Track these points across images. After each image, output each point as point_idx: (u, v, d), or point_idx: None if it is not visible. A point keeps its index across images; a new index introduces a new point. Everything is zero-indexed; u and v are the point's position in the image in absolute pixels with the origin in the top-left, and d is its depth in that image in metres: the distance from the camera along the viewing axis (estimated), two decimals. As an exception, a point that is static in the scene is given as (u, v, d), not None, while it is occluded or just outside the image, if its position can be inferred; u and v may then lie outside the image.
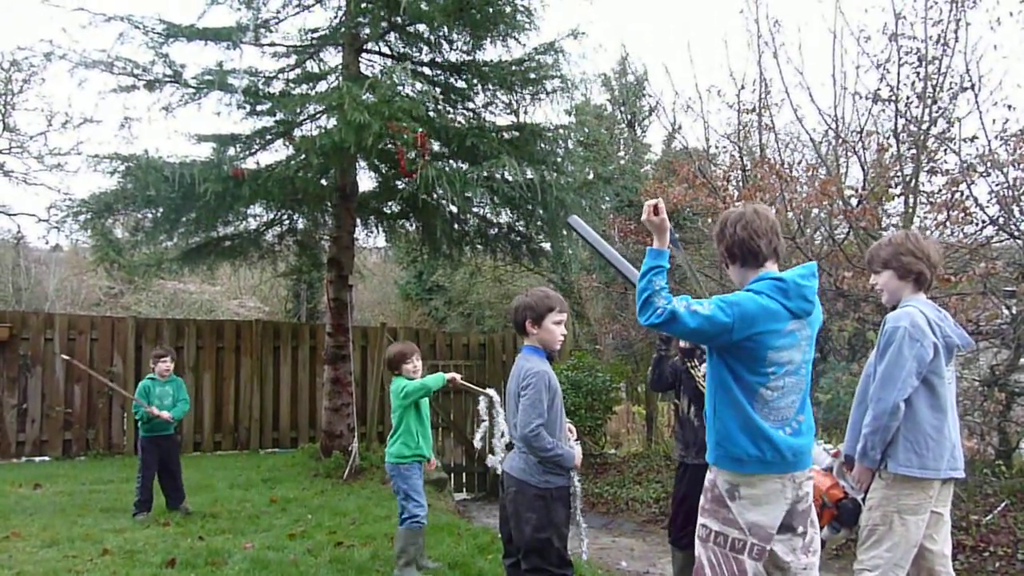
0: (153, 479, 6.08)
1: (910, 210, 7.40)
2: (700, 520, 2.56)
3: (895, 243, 3.09)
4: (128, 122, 7.66)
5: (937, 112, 7.17)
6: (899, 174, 7.47)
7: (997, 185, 6.40)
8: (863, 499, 2.93)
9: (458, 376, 4.78)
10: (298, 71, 8.42)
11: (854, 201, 7.57)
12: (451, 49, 8.21)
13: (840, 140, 8.20)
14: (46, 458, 9.08)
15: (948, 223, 6.74)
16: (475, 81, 8.27)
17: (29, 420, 9.13)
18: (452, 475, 10.03)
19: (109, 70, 7.27)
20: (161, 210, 7.67)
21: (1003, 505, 5.32)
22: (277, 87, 8.15)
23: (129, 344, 9.53)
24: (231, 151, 7.85)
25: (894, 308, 3.06)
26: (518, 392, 3.24)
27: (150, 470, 6.05)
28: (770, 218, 2.61)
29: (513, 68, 7.94)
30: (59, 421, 9.22)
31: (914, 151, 7.23)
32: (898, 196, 7.66)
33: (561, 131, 8.36)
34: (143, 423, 6.09)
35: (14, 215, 16.20)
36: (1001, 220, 6.43)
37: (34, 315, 10.00)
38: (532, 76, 7.96)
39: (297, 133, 7.84)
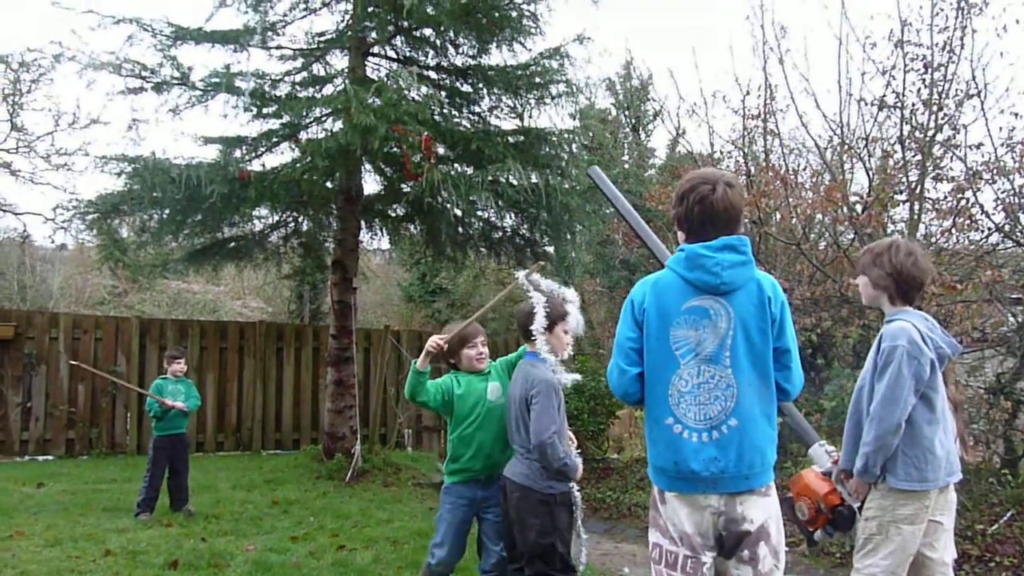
0: (162, 479, 6.09)
1: (915, 217, 7.39)
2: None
3: (875, 252, 3.07)
4: (136, 123, 7.71)
5: (943, 119, 7.16)
6: (904, 180, 7.46)
7: (1003, 192, 6.40)
8: (859, 507, 2.94)
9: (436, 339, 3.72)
10: (305, 74, 8.44)
11: (859, 207, 7.57)
12: (457, 53, 8.24)
13: (845, 146, 8.20)
14: (49, 457, 9.10)
15: (954, 230, 6.74)
16: (481, 85, 8.29)
17: (33, 419, 9.15)
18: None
19: (117, 72, 7.29)
20: (167, 211, 7.69)
21: (1009, 515, 5.30)
22: (284, 90, 8.17)
23: (133, 344, 9.55)
24: (237, 153, 7.87)
25: (878, 312, 3.04)
26: (526, 399, 3.23)
27: (159, 469, 6.05)
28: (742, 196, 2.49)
29: (519, 72, 7.95)
30: (63, 420, 9.24)
31: (919, 158, 7.22)
32: (903, 203, 7.65)
33: (566, 135, 8.37)
34: (156, 420, 6.13)
35: (20, 214, 16.23)
36: (1007, 227, 6.42)
37: (39, 314, 10.03)
38: (537, 80, 7.97)
39: (303, 136, 7.87)
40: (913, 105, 7.33)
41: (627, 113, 16.54)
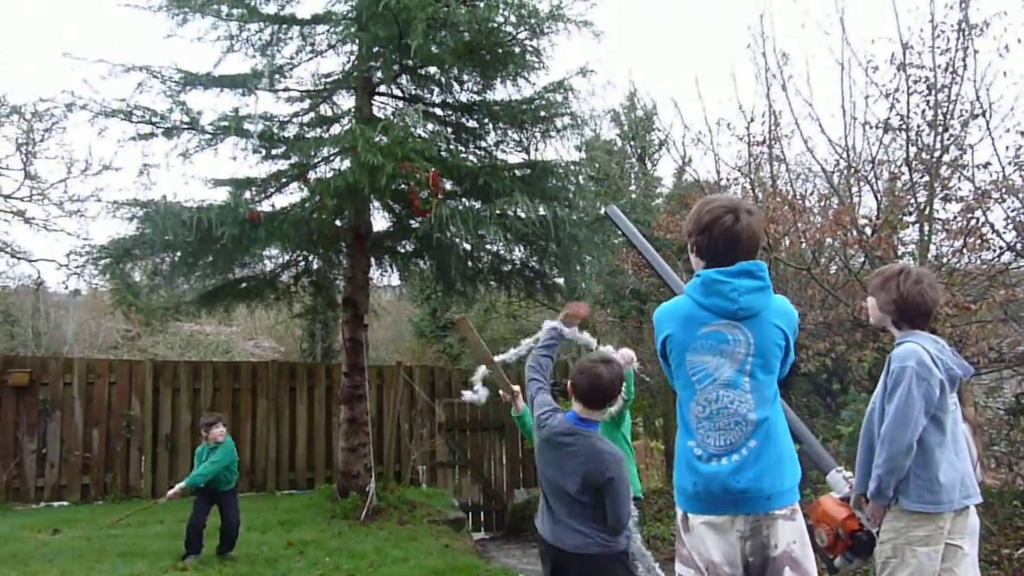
0: (204, 526, 6.07)
1: (925, 238, 7.37)
2: None
3: (884, 276, 3.08)
4: (147, 169, 7.77)
5: (949, 139, 7.16)
6: (913, 202, 7.45)
7: (1013, 211, 6.37)
8: (877, 532, 2.91)
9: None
10: (312, 115, 8.56)
11: (869, 230, 7.55)
12: (462, 90, 8.33)
13: (852, 170, 8.21)
14: (65, 503, 9.08)
15: (965, 250, 6.71)
16: (486, 120, 8.38)
17: (48, 465, 9.15)
18: (470, 514, 9.93)
19: (128, 119, 7.41)
20: (179, 254, 7.75)
21: (1034, 538, 5.19)
22: (291, 131, 8.28)
23: (147, 387, 9.57)
24: (247, 194, 7.95)
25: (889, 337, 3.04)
26: (595, 478, 2.92)
27: (201, 516, 6.07)
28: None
29: (523, 107, 8.03)
30: (77, 465, 9.23)
31: (927, 179, 7.22)
32: (913, 224, 7.63)
33: (572, 167, 8.43)
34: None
35: (34, 261, 16.38)
36: (1019, 246, 6.39)
37: (53, 360, 10.08)
38: (542, 114, 8.05)
39: (312, 175, 7.94)
40: (918, 127, 7.35)
41: (632, 143, 16.64)
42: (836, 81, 8.07)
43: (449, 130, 8.31)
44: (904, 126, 7.40)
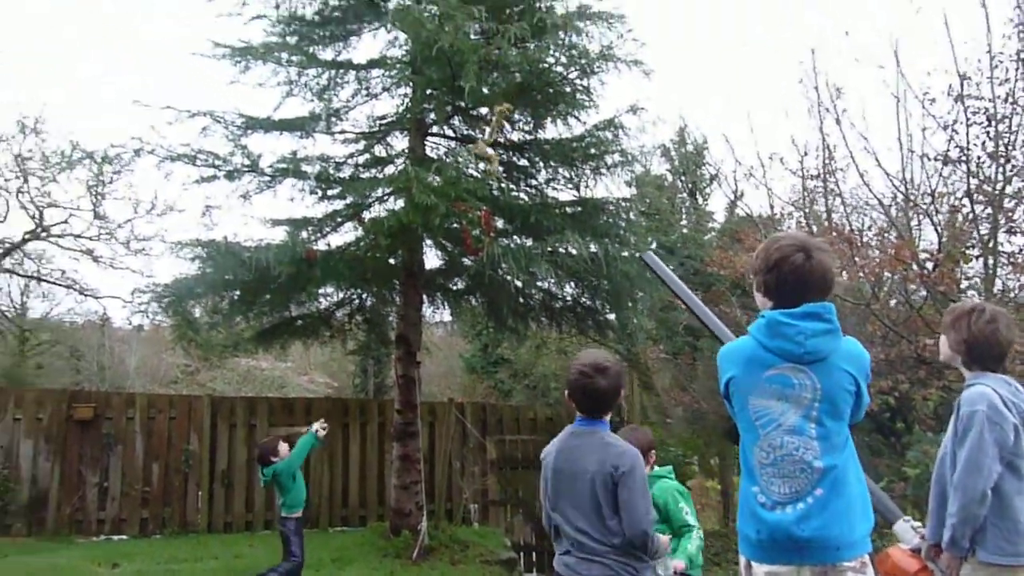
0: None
1: (990, 271, 7.15)
2: None
3: (955, 314, 2.98)
4: (209, 210, 8.04)
5: (1012, 170, 6.99)
6: (976, 235, 7.25)
7: (1084, 244, 6.15)
8: None
9: None
10: (367, 156, 8.75)
11: (930, 264, 7.36)
12: (513, 129, 8.44)
13: (911, 203, 8.04)
14: (124, 536, 9.25)
15: (1033, 285, 6.48)
16: (537, 159, 8.46)
17: (110, 498, 9.37)
18: (522, 554, 9.81)
19: (192, 162, 7.67)
20: (238, 292, 7.96)
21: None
22: (347, 172, 8.48)
23: (205, 422, 9.75)
24: (304, 234, 8.12)
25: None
26: (613, 476, 2.73)
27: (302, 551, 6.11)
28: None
29: (574, 145, 8.09)
30: (137, 499, 9.42)
31: (990, 211, 7.03)
32: (976, 258, 7.42)
33: (623, 203, 8.43)
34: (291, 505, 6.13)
35: (101, 298, 17.00)
36: (1091, 281, 6.14)
37: (116, 395, 10.38)
38: (592, 152, 8.09)
39: (366, 215, 8.09)
40: (979, 158, 7.19)
41: (683, 178, 16.58)
42: (892, 114, 7.94)
43: (500, 169, 8.42)
44: (964, 158, 7.25)
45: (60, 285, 16.41)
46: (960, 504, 2.70)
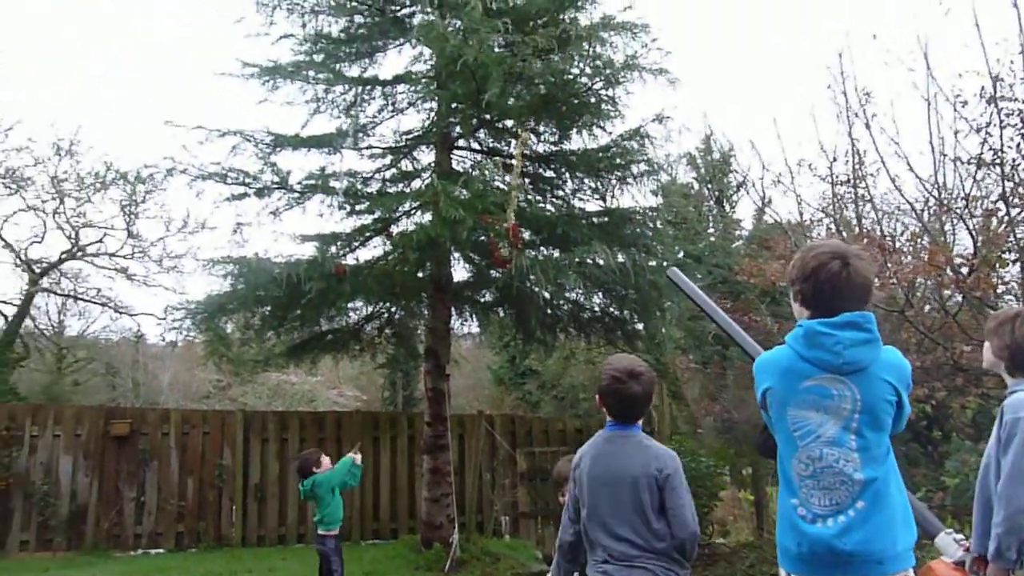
0: None
1: (1029, 276, 7.01)
2: None
3: (998, 320, 2.93)
4: (239, 227, 8.15)
5: (1049, 173, 6.85)
6: (1012, 239, 7.11)
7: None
8: None
9: None
10: (394, 170, 8.84)
11: (965, 270, 7.23)
12: (538, 141, 8.45)
13: (944, 207, 7.91)
14: (160, 550, 9.37)
15: (1073, 289, 6.34)
16: (563, 170, 8.47)
17: (146, 512, 9.49)
18: (553, 566, 9.76)
19: (223, 180, 7.79)
20: (269, 308, 8.05)
21: None
22: (374, 186, 8.56)
23: (238, 437, 9.86)
24: (333, 249, 8.21)
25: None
26: (658, 479, 2.69)
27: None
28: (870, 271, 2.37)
29: (600, 155, 8.08)
30: (173, 513, 9.54)
31: (1027, 215, 6.90)
32: (1013, 262, 7.27)
33: (649, 213, 8.41)
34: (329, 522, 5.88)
35: (135, 315, 17.29)
36: None
37: (151, 410, 10.54)
38: (618, 162, 8.08)
39: (394, 229, 8.16)
40: (1014, 161, 7.05)
41: (710, 186, 16.47)
42: (922, 117, 7.82)
43: (527, 181, 8.44)
44: (999, 160, 7.12)
45: (95, 303, 16.74)
46: (1006, 514, 2.63)
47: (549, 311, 8.93)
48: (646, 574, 2.64)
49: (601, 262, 7.26)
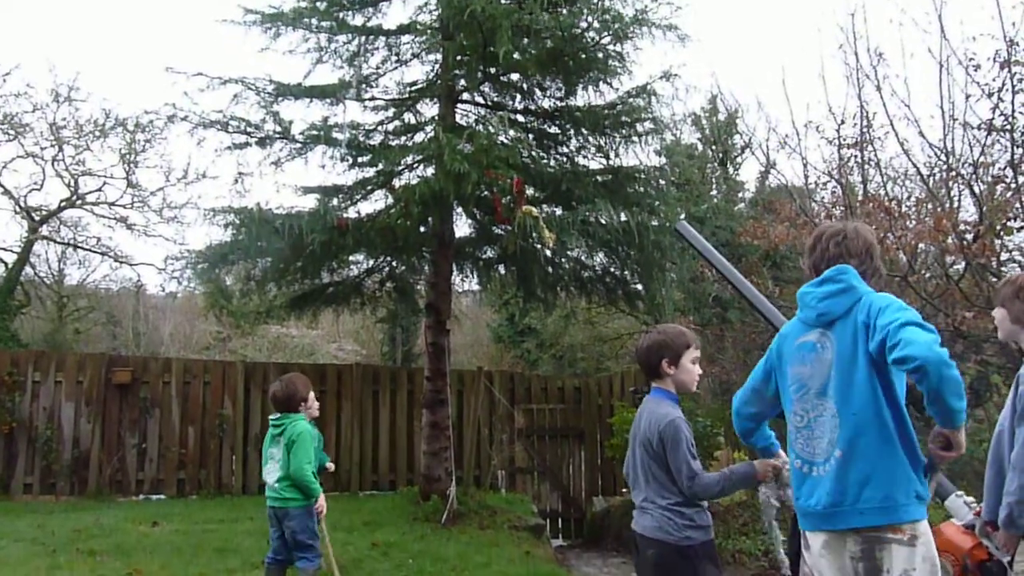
0: None
1: (1033, 244, 6.98)
2: None
3: (1018, 285, 2.85)
4: (241, 177, 8.06)
5: (1059, 140, 6.78)
6: (1019, 206, 7.07)
7: None
8: (1010, 562, 2.71)
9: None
10: (397, 123, 8.72)
11: (970, 236, 7.20)
12: (544, 96, 8.34)
13: (952, 173, 7.85)
14: (162, 496, 9.51)
15: (1078, 257, 6.32)
16: (568, 126, 8.37)
17: (147, 460, 9.61)
18: (549, 521, 9.92)
19: (224, 129, 7.69)
20: (270, 260, 8.02)
21: None
22: (377, 139, 8.45)
23: (239, 388, 9.93)
24: (335, 201, 8.15)
25: (1019, 352, 2.87)
26: (654, 441, 2.88)
27: None
28: (864, 238, 2.49)
29: (605, 112, 7.98)
30: (174, 461, 9.65)
31: (1035, 182, 6.85)
32: (1018, 230, 7.25)
33: (654, 172, 8.33)
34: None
35: (135, 265, 17.30)
36: None
37: (153, 360, 10.59)
38: (624, 119, 7.98)
39: (397, 183, 8.09)
40: (1024, 127, 6.99)
41: (714, 148, 16.33)
42: (934, 81, 7.70)
43: (531, 137, 8.34)
44: (1009, 126, 7.05)
45: (95, 252, 16.74)
46: (1019, 483, 2.62)
47: (551, 269, 8.92)
48: (646, 515, 2.93)
49: (604, 221, 7.23)
